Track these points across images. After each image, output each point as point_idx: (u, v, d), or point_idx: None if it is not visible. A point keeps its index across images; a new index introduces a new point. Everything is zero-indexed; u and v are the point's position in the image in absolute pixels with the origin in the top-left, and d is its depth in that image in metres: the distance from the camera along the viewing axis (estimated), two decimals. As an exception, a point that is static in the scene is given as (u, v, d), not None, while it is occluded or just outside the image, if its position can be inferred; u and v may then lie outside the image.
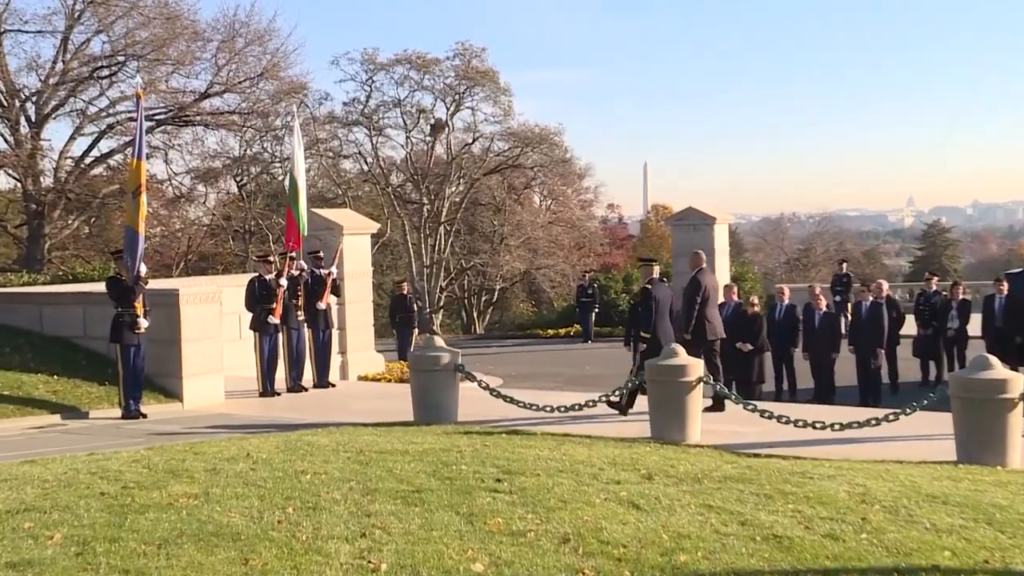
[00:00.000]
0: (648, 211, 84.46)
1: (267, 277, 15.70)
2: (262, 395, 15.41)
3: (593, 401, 12.31)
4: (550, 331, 31.12)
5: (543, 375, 21.27)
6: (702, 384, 11.02)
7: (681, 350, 11.24)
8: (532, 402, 12.51)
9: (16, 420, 12.98)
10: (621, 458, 8.70)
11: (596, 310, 29.13)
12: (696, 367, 11.04)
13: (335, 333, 17.56)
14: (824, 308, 17.01)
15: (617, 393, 12.49)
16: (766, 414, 11.05)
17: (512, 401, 12.45)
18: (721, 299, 17.58)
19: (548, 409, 12.31)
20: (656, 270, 13.39)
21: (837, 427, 10.68)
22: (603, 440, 10.48)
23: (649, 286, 13.10)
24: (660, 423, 10.94)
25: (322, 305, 16.53)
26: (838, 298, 25.35)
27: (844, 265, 28.46)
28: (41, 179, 34.80)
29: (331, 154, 43.65)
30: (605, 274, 37.34)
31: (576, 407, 12.40)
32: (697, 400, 10.99)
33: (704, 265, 13.77)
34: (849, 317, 18.96)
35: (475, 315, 49.80)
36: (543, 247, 45.83)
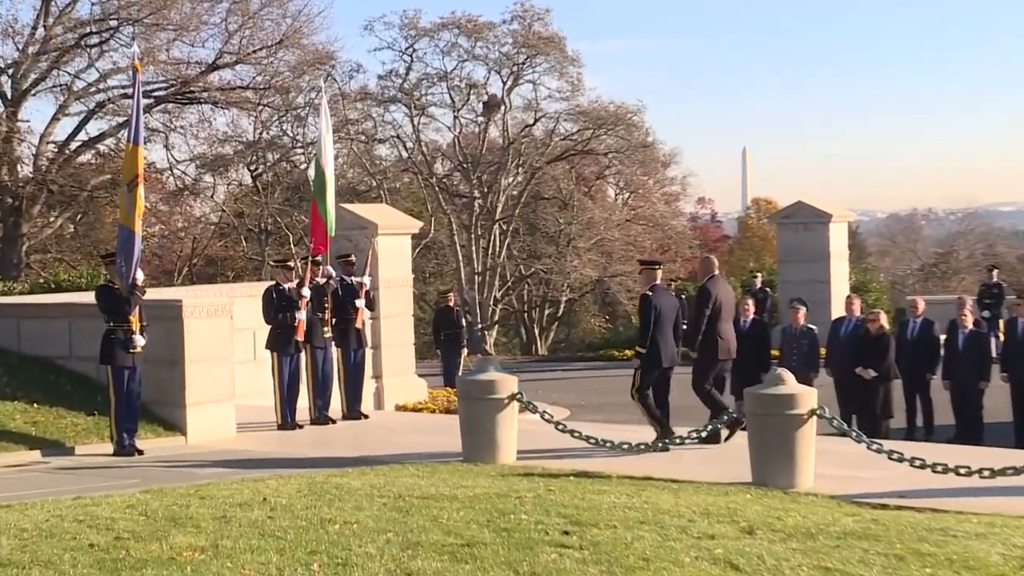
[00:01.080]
0: (747, 206, 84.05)
1: (287, 286, 15.84)
2: (281, 428, 15.55)
3: (681, 438, 12.26)
4: (627, 352, 30.90)
5: (619, 405, 21.15)
6: (816, 418, 10.93)
7: (788, 376, 11.17)
8: (606, 438, 12.48)
9: (-11, 456, 13.20)
10: (715, 507, 8.65)
11: (684, 326, 28.94)
12: (808, 397, 10.95)
13: (368, 353, 17.67)
14: (970, 326, 16.78)
15: (707, 430, 12.43)
16: (895, 456, 10.91)
17: (582, 437, 12.43)
18: (842, 313, 17.49)
19: (625, 447, 12.28)
20: (659, 275, 13.77)
21: (987, 473, 10.52)
22: (693, 485, 10.43)
23: (650, 293, 13.40)
24: (763, 465, 10.86)
25: (358, 323, 16.62)
26: (987, 313, 24.98)
27: (995, 272, 28.02)
28: (18, 168, 35.39)
29: (364, 138, 43.98)
30: (695, 283, 37.04)
31: (659, 445, 12.34)
32: (809, 437, 10.89)
33: (716, 272, 14.12)
34: (1001, 337, 18.66)
35: (536, 332, 49.82)
36: (619, 250, 45.74)
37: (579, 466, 11.62)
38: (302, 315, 15.61)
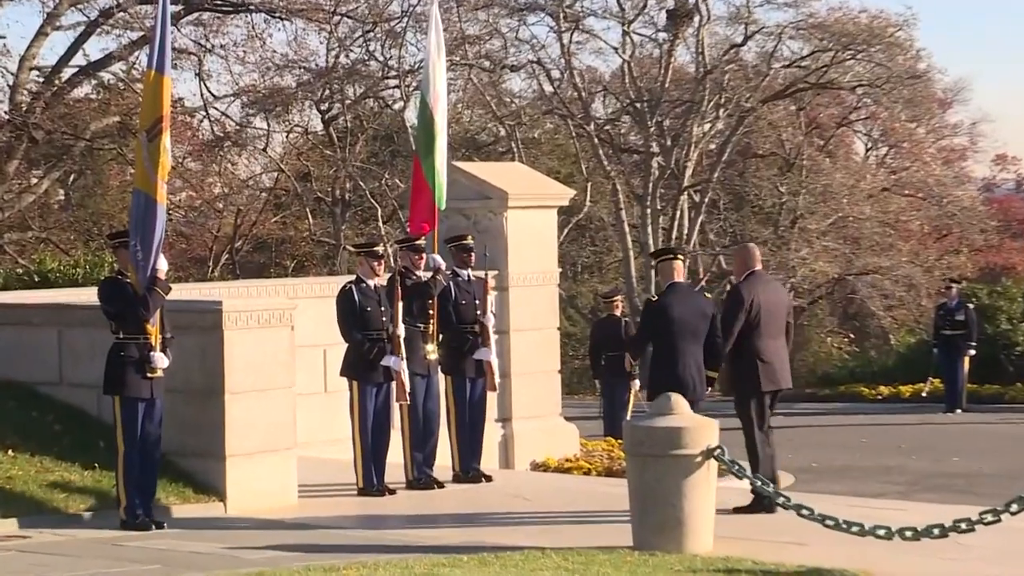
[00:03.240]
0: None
1: (373, 282, 15.95)
2: (363, 492, 15.69)
3: (968, 520, 12.10)
4: (883, 388, 30.71)
5: (869, 469, 21.03)
6: None
7: None
8: (849, 519, 12.37)
9: (-54, 526, 13.52)
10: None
11: (971, 351, 28.61)
12: None
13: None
14: None
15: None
16: None
17: (813, 516, 12.34)
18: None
19: (883, 533, 12.16)
20: (679, 268, 14.03)
21: None
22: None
23: (655, 298, 13.94)
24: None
25: (489, 354, 16.47)
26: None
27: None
28: (-11, 106, 36.24)
29: (489, 64, 44.12)
30: (990, 285, 36.46)
31: (936, 531, 12.20)
32: None
33: (757, 267, 14.24)
34: None
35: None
36: (870, 234, 45.25)
37: (809, 559, 11.56)
38: (398, 335, 15.61)
